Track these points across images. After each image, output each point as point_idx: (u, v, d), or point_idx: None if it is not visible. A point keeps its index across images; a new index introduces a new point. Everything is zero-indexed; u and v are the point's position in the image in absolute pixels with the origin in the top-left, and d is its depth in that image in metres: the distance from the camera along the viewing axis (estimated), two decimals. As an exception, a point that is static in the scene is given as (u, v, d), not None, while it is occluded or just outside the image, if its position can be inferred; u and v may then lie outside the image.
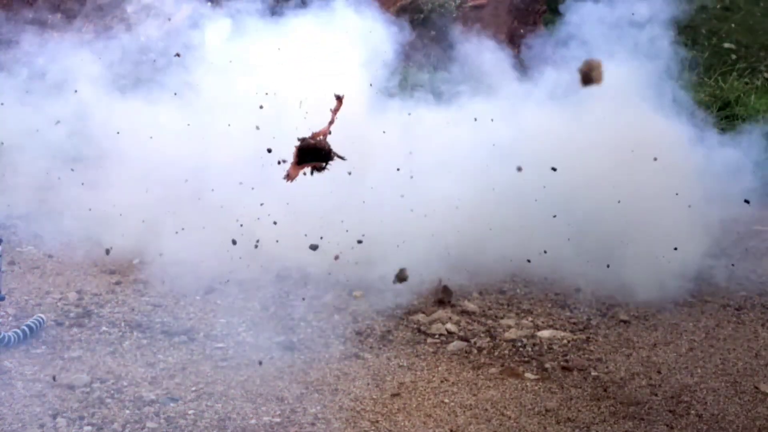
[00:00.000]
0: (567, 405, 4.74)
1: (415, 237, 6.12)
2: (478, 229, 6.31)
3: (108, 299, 5.87)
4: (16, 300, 5.74)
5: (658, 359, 5.31)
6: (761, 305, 6.22)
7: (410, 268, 5.77)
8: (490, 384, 4.94)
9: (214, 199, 6.31)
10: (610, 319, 5.89)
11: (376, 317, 5.74)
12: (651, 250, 6.23)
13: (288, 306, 5.86)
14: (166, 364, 4.98)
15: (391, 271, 5.78)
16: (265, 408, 4.53)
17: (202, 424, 4.35)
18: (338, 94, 4.78)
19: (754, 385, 5.01)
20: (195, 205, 6.44)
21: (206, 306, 5.83)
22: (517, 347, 5.41)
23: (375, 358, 5.19)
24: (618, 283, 6.22)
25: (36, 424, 4.25)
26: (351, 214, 6.05)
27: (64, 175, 7.36)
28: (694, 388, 4.96)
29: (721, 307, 6.17)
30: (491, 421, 4.54)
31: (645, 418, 4.63)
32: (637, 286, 6.18)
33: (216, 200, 6.29)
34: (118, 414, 4.38)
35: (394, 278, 5.73)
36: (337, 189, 5.95)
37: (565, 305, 6.08)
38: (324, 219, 5.95)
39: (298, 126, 4.92)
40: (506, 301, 6.14)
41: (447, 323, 5.66)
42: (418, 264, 5.98)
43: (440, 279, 6.04)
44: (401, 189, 6.14)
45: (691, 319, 5.93)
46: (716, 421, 4.63)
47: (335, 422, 4.43)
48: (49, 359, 4.95)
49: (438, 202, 6.26)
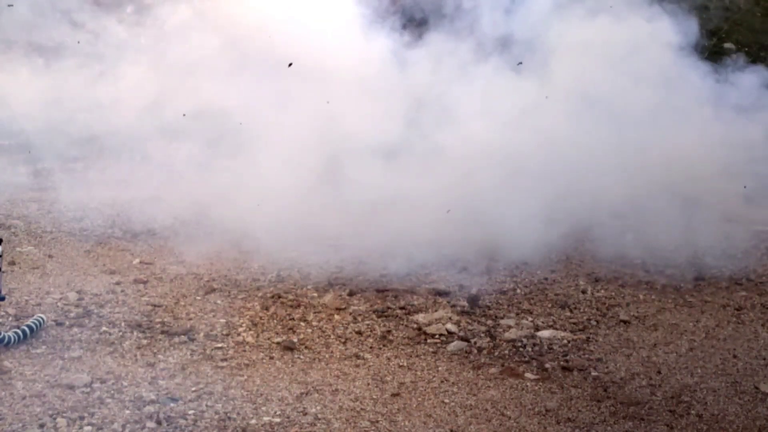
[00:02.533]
0: (567, 405, 4.74)
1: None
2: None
3: (108, 299, 5.87)
4: (16, 300, 5.74)
5: (658, 359, 5.31)
6: (761, 305, 6.22)
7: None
8: (490, 384, 4.93)
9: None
10: (610, 319, 5.89)
11: (376, 318, 5.75)
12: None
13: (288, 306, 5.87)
14: (166, 364, 4.98)
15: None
16: (265, 408, 4.53)
17: (202, 424, 4.35)
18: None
19: (754, 385, 5.01)
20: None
21: (206, 306, 5.83)
22: (517, 347, 5.41)
23: (375, 358, 5.19)
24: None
25: (36, 424, 4.25)
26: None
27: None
28: (694, 388, 4.95)
29: (721, 307, 6.17)
30: (491, 421, 4.54)
31: (645, 418, 4.63)
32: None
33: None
34: (118, 414, 4.38)
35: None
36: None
37: (565, 305, 6.08)
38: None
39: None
40: (506, 301, 6.13)
41: (447, 323, 5.66)
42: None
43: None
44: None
45: (691, 319, 5.93)
46: (716, 421, 4.63)
47: (335, 422, 4.43)
48: (49, 359, 4.95)
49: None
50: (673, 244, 7.07)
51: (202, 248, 7.10)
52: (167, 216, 8.05)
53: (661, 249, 7.02)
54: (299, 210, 6.92)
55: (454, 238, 6.79)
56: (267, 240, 6.82)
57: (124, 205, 8.43)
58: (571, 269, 6.82)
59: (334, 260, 6.84)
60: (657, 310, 6.06)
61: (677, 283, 6.61)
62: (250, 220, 6.95)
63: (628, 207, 7.37)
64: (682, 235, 7.12)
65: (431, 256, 7.02)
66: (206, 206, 7.57)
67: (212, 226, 7.72)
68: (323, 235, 7.00)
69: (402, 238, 6.75)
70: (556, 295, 6.27)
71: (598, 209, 7.25)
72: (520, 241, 6.72)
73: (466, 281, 6.44)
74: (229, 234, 7.52)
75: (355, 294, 6.09)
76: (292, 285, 6.26)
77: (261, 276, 6.44)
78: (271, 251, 6.99)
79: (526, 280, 6.53)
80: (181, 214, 8.09)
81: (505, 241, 6.75)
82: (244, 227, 7.58)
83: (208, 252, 6.99)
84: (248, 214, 6.93)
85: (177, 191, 7.88)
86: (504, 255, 6.78)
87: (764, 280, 6.74)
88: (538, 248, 6.84)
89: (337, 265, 6.73)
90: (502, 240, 6.76)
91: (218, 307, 5.80)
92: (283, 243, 7.04)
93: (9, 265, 6.30)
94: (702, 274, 6.78)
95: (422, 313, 5.82)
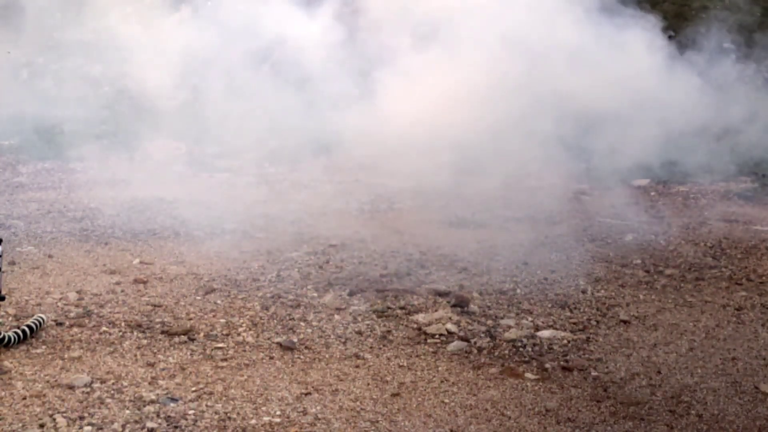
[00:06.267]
0: (567, 405, 4.73)
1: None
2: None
3: (108, 299, 5.87)
4: (16, 300, 5.74)
5: (658, 359, 5.31)
6: (761, 305, 6.22)
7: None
8: (490, 384, 4.93)
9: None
10: (610, 319, 5.89)
11: (376, 318, 5.75)
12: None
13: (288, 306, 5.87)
14: (166, 364, 4.98)
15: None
16: (265, 408, 4.53)
17: (202, 424, 4.35)
18: None
19: (754, 385, 5.01)
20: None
21: (206, 306, 5.83)
22: (517, 347, 5.41)
23: (375, 358, 5.19)
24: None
25: (36, 424, 4.25)
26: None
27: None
28: (694, 388, 4.95)
29: (721, 307, 6.17)
30: (491, 421, 4.54)
31: (645, 418, 4.63)
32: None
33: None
34: (118, 414, 4.38)
35: None
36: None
37: (565, 305, 6.08)
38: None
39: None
40: (506, 301, 6.14)
41: (447, 323, 5.66)
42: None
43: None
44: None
45: (691, 319, 5.93)
46: (716, 421, 4.63)
47: (335, 422, 4.43)
48: (49, 359, 4.95)
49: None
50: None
51: (202, 248, 7.11)
52: (167, 216, 8.06)
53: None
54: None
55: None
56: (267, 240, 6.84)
57: (125, 205, 8.45)
58: (571, 269, 6.83)
59: (334, 260, 6.85)
60: (657, 310, 6.06)
61: (677, 283, 6.61)
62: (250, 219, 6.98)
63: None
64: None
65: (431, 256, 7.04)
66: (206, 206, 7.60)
67: (212, 226, 7.74)
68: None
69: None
70: (556, 295, 6.28)
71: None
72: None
73: (466, 281, 6.44)
74: (229, 234, 7.53)
75: (355, 294, 6.09)
76: (292, 285, 6.26)
77: (261, 276, 6.44)
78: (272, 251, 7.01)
79: (526, 280, 6.53)
80: (181, 214, 8.11)
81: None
82: (244, 227, 7.60)
83: (208, 252, 7.00)
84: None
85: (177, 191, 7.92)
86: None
87: (764, 280, 6.74)
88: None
89: (337, 265, 6.74)
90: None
91: (218, 307, 5.80)
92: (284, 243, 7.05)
93: (9, 265, 6.30)
94: (702, 275, 6.78)
95: (422, 313, 5.82)
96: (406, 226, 8.00)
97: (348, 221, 8.14)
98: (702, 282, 6.63)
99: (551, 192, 9.10)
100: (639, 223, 8.32)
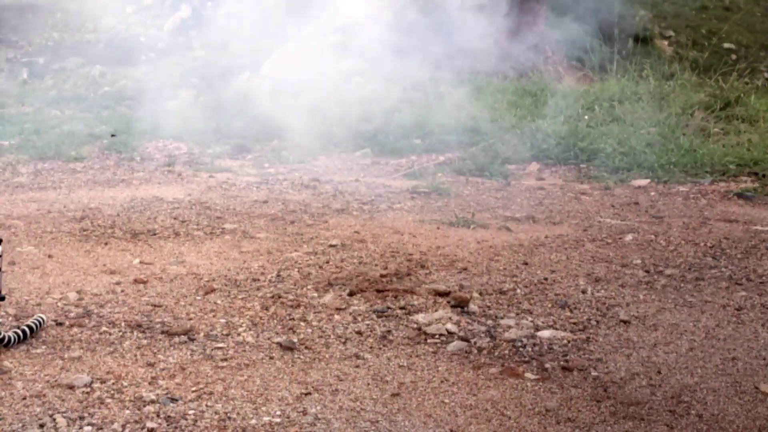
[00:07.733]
0: (567, 405, 4.74)
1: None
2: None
3: (108, 299, 5.87)
4: (16, 300, 5.74)
5: (658, 359, 5.31)
6: (761, 305, 6.22)
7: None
8: (490, 384, 4.93)
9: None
10: (610, 319, 5.89)
11: (376, 318, 5.75)
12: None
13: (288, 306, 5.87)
14: (166, 364, 4.98)
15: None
16: (265, 408, 4.53)
17: (202, 424, 4.35)
18: None
19: (754, 385, 5.01)
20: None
21: (206, 306, 5.83)
22: (517, 347, 5.41)
23: (375, 358, 5.19)
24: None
25: (36, 424, 4.25)
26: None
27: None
28: (694, 388, 4.95)
29: (721, 307, 6.17)
30: (491, 421, 4.54)
31: (645, 418, 4.63)
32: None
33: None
34: (118, 414, 4.38)
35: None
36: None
37: (565, 305, 6.09)
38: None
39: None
40: (506, 301, 6.14)
41: (447, 323, 5.66)
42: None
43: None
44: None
45: (691, 319, 5.93)
46: (716, 421, 4.63)
47: (335, 422, 4.43)
48: (49, 359, 4.95)
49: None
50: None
51: (202, 248, 7.11)
52: (167, 216, 8.07)
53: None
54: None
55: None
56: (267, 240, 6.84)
57: (125, 205, 8.46)
58: (571, 269, 6.83)
59: (334, 260, 6.85)
60: (657, 310, 6.06)
61: (677, 283, 6.61)
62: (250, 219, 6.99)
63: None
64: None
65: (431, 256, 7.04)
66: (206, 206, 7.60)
67: (212, 226, 7.75)
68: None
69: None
70: (556, 295, 6.28)
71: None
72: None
73: (466, 281, 6.44)
74: (229, 234, 7.54)
75: (355, 294, 6.10)
76: (292, 285, 6.27)
77: (261, 276, 6.44)
78: (272, 251, 7.01)
79: (526, 280, 6.53)
80: (182, 214, 8.12)
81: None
82: (244, 227, 7.60)
83: (208, 252, 7.00)
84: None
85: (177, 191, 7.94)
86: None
87: (764, 280, 6.74)
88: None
89: (337, 265, 6.74)
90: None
91: (218, 307, 5.80)
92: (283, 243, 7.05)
93: (9, 265, 6.30)
94: (702, 275, 6.79)
95: (422, 313, 5.82)
96: (406, 226, 8.01)
97: (348, 221, 8.15)
98: (702, 282, 6.63)
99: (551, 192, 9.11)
100: (639, 223, 8.32)
